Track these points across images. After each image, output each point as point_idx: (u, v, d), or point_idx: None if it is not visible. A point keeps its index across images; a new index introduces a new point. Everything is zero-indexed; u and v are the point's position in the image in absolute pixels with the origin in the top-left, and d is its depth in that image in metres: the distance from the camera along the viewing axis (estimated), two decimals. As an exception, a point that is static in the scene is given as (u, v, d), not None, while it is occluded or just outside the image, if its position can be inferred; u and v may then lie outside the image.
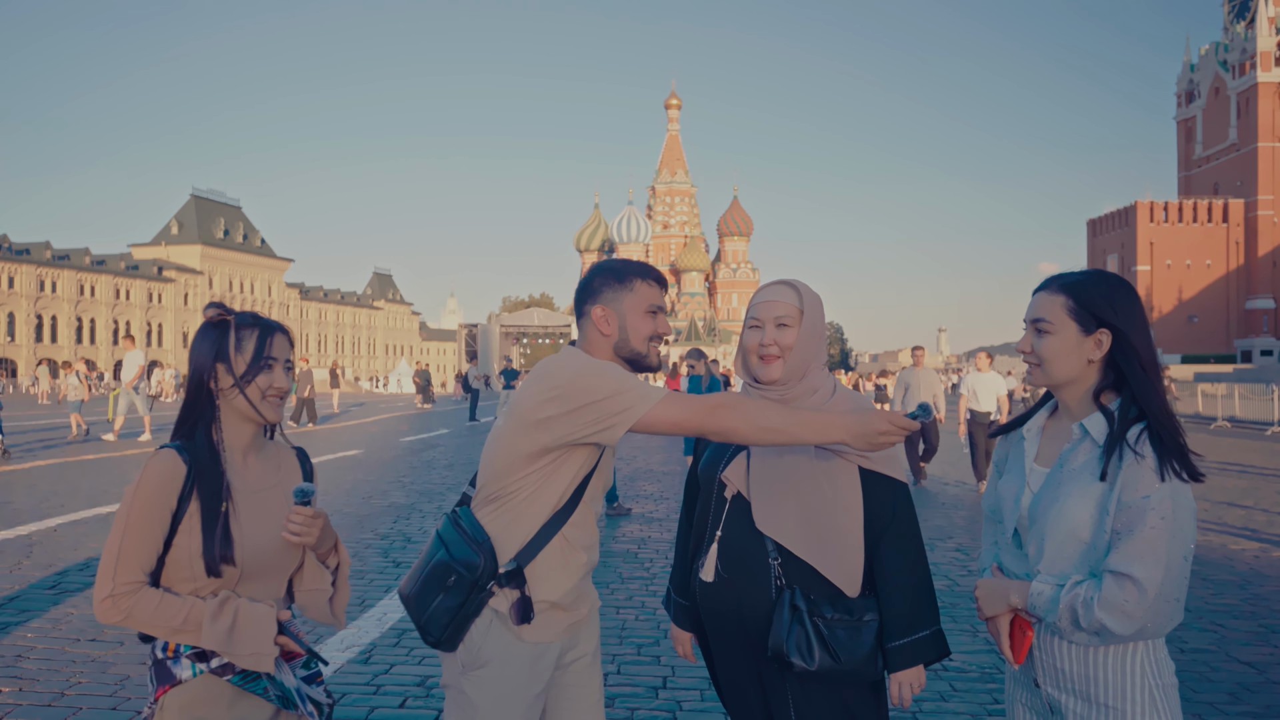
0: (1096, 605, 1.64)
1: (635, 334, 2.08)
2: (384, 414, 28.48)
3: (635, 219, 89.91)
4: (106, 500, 9.48)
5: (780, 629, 1.93)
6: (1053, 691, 1.80)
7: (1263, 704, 4.07)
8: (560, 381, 1.93)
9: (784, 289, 2.08)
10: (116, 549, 1.72)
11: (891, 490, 2.03)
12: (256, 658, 1.75)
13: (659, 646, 4.80)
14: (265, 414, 1.85)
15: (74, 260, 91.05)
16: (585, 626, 2.13)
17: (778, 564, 1.99)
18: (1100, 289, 1.81)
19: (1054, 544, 1.76)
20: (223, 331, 1.84)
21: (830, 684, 1.97)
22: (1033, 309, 1.86)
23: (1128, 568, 1.63)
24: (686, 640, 2.31)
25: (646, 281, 2.10)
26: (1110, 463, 1.70)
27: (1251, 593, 6.18)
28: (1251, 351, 78.80)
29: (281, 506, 1.88)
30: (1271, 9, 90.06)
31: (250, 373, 1.82)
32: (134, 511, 1.73)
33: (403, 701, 3.97)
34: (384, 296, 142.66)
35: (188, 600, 1.75)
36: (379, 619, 5.22)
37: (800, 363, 2.05)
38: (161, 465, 1.77)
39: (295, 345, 1.95)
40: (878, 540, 2.02)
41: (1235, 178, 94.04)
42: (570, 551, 2.02)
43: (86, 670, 4.32)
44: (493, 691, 1.95)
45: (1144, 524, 1.64)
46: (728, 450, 2.12)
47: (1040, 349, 1.83)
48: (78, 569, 6.42)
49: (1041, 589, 1.74)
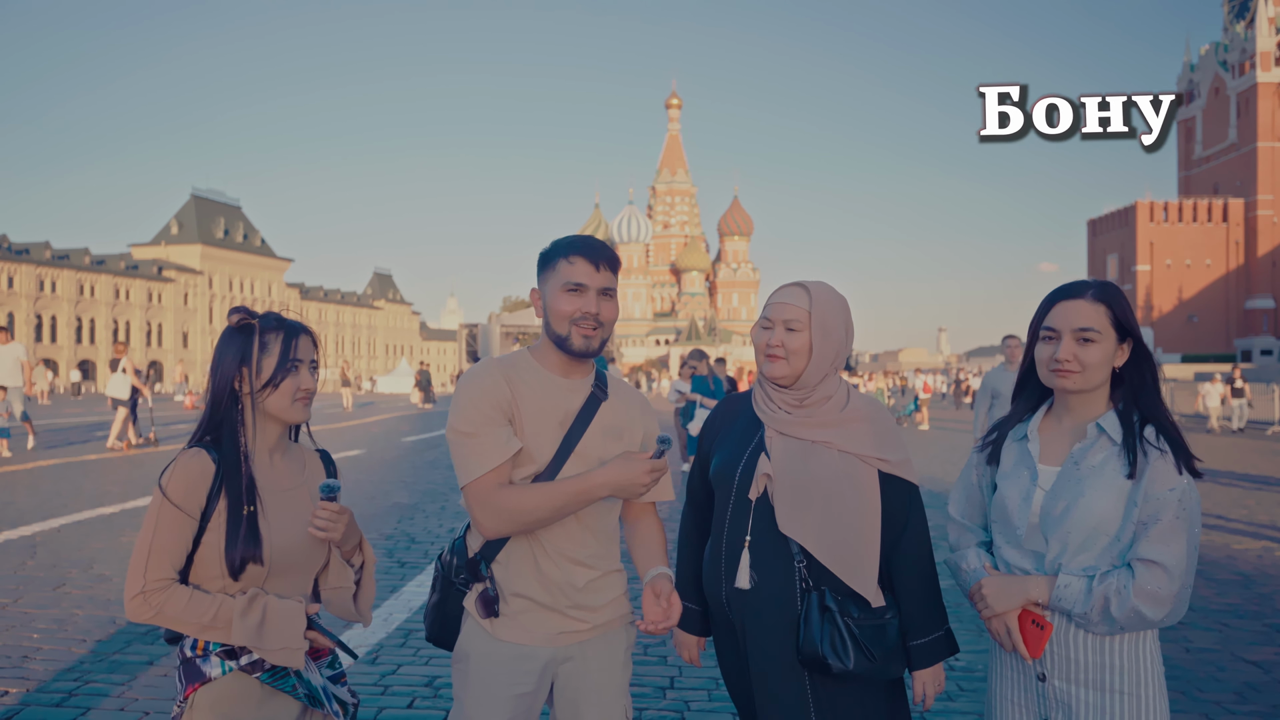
0: (1132, 592, 1.73)
1: (554, 314, 1.95)
2: (386, 414, 28.49)
3: (635, 219, 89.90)
4: (109, 501, 9.48)
5: (813, 631, 1.92)
6: (1062, 684, 1.84)
7: (1270, 703, 4.07)
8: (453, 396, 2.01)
9: (796, 291, 2.05)
10: (148, 546, 1.75)
11: (906, 492, 2.05)
12: (286, 653, 1.77)
13: (665, 646, 4.79)
14: (294, 416, 1.89)
15: (74, 260, 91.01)
16: (592, 644, 2.02)
17: (803, 566, 1.98)
18: (1123, 300, 1.89)
19: (1078, 539, 1.82)
20: (248, 336, 1.86)
21: (855, 685, 1.96)
22: (1075, 318, 1.86)
23: (1159, 555, 1.73)
24: (694, 645, 2.26)
25: (568, 258, 1.95)
26: (1137, 460, 1.79)
27: (1255, 592, 6.18)
28: (1251, 351, 78.88)
29: (307, 505, 1.91)
30: (1271, 9, 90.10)
31: (277, 376, 1.84)
32: (165, 509, 1.76)
33: (410, 702, 3.97)
34: (384, 296, 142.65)
35: (217, 597, 1.77)
36: (385, 619, 5.22)
37: (814, 367, 2.02)
38: (192, 464, 1.79)
39: (319, 345, 1.96)
40: (894, 542, 2.03)
41: (1235, 177, 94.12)
42: (543, 555, 1.96)
43: (94, 671, 4.31)
44: (472, 686, 1.98)
45: (1170, 515, 1.74)
46: (745, 451, 2.09)
47: (1084, 357, 1.85)
48: (82, 569, 6.42)
49: (1070, 581, 1.80)
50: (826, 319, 2.03)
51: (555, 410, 1.99)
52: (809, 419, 2.03)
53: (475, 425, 1.91)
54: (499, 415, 1.93)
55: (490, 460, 1.89)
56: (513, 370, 2.00)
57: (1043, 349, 1.90)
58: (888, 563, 2.03)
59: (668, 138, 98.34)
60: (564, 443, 1.97)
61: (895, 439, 2.06)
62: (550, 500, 1.88)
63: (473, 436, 1.91)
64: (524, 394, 1.97)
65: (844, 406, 2.05)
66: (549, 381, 2.00)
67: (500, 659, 1.96)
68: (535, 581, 1.97)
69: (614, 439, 2.03)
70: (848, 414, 2.04)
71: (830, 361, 2.04)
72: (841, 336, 2.06)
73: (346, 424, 23.29)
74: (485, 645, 1.97)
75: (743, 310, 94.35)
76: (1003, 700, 1.96)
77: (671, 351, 59.09)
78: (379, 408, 33.27)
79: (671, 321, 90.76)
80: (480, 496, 1.89)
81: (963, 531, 2.08)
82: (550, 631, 1.98)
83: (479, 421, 1.91)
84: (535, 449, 1.95)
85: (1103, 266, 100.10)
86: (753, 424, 2.11)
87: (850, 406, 2.05)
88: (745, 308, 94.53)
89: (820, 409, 2.03)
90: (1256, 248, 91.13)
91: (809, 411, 2.03)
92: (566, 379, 2.02)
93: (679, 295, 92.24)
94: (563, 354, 1.99)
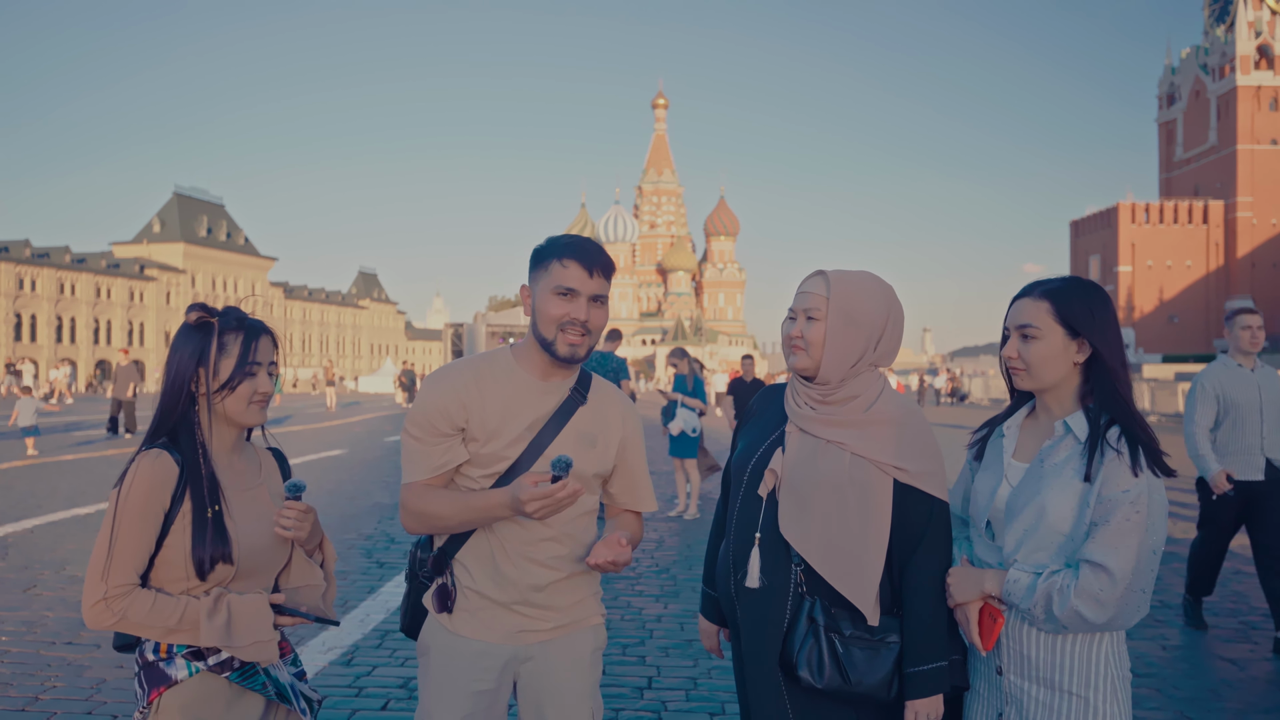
0: (1073, 593, 1.71)
1: (541, 316, 1.91)
2: (369, 413, 28.33)
3: (622, 218, 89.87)
4: (84, 501, 9.37)
5: (794, 640, 1.84)
6: (1016, 679, 1.84)
7: (1244, 700, 4.09)
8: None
9: (815, 279, 1.93)
10: (107, 551, 1.70)
11: (928, 508, 1.88)
12: (259, 647, 1.75)
13: (643, 646, 4.78)
14: (250, 419, 1.85)
15: (54, 258, 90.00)
16: (557, 645, 1.99)
17: (800, 570, 1.88)
18: (1079, 298, 1.84)
19: (1033, 535, 1.82)
20: (206, 335, 1.81)
21: (838, 702, 1.87)
22: (1017, 315, 1.88)
23: (1103, 558, 1.70)
24: (713, 633, 2.19)
25: (561, 261, 1.89)
26: (1093, 461, 1.76)
27: (1232, 590, 6.22)
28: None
29: (269, 504, 1.89)
30: (1250, 13, 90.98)
31: (235, 379, 1.80)
32: (124, 513, 1.72)
33: (385, 704, 3.93)
34: (369, 296, 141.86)
35: (181, 600, 1.74)
36: (361, 620, 5.17)
37: (834, 359, 1.87)
38: (154, 466, 1.75)
39: (280, 346, 1.91)
40: (906, 559, 1.88)
41: (1215, 180, 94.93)
42: (503, 554, 1.94)
43: (62, 674, 4.25)
44: (432, 680, 1.98)
45: (1119, 516, 1.71)
46: (763, 443, 1.99)
47: (1027, 355, 1.85)
48: (54, 571, 6.33)
49: (1019, 576, 1.79)
50: (849, 306, 1.87)
51: (526, 412, 1.95)
52: (830, 417, 1.90)
53: (423, 433, 1.94)
54: (448, 426, 1.93)
55: (421, 472, 1.94)
56: (486, 369, 1.97)
57: (1004, 348, 1.92)
58: (899, 580, 1.89)
59: (654, 138, 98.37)
60: (531, 445, 1.94)
61: (922, 448, 1.89)
62: (457, 513, 1.91)
63: (419, 442, 1.95)
64: (494, 394, 1.94)
65: (869, 407, 1.89)
66: (523, 383, 1.97)
67: (459, 654, 1.95)
68: (491, 579, 1.95)
69: (587, 444, 1.99)
70: (871, 415, 1.89)
71: (857, 354, 1.88)
72: (874, 326, 1.88)
73: (329, 424, 23.14)
74: (445, 640, 1.97)
75: (729, 310, 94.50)
76: (970, 690, 1.97)
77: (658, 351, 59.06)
78: (363, 407, 33.10)
79: (658, 321, 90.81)
80: (404, 497, 1.96)
81: (958, 525, 2.07)
82: (508, 629, 1.96)
83: (427, 430, 1.94)
84: (502, 450, 1.93)
85: (1085, 267, 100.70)
86: (780, 417, 2.01)
87: (876, 408, 1.90)
88: (731, 307, 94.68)
89: (844, 408, 1.90)
90: (1236, 249, 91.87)
91: (832, 410, 1.90)
92: (543, 381, 1.98)
93: (665, 295, 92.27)
94: (546, 356, 1.95)
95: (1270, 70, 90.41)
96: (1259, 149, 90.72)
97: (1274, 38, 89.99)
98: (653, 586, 6.14)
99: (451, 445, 1.94)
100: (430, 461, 1.93)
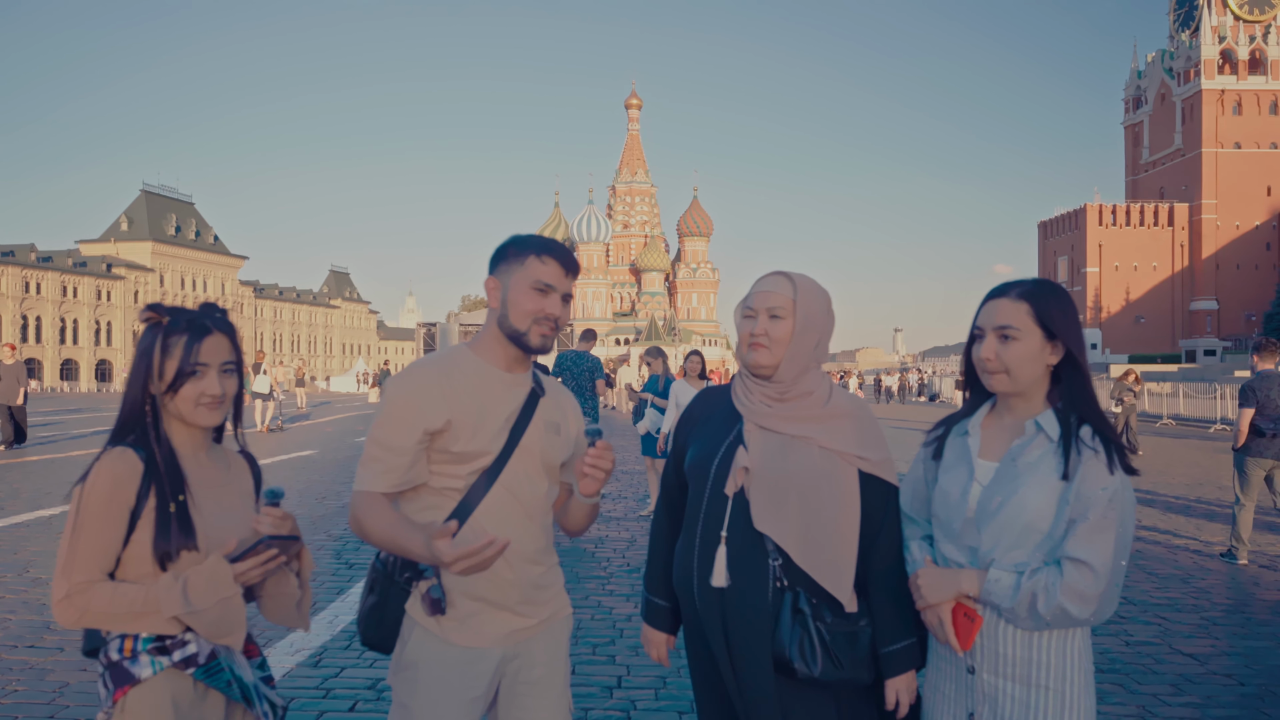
0: (1059, 590, 1.72)
1: (515, 308, 1.94)
2: (341, 413, 28.08)
3: (595, 218, 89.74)
4: (50, 503, 9.21)
5: (783, 633, 1.86)
6: (990, 677, 1.84)
7: (1205, 694, 4.17)
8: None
9: (780, 280, 1.99)
10: (69, 549, 1.69)
11: (884, 494, 1.97)
12: (224, 604, 1.71)
13: (614, 646, 4.78)
14: (199, 420, 1.82)
15: (19, 257, 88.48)
16: (537, 639, 2.01)
17: (778, 565, 1.90)
18: (1055, 300, 1.86)
19: (1011, 534, 1.82)
20: (155, 335, 1.80)
21: (825, 690, 1.90)
22: (995, 316, 1.87)
23: (1085, 554, 1.72)
24: (663, 642, 2.18)
25: (541, 258, 1.95)
26: (1070, 459, 1.78)
27: (1194, 586, 6.34)
28: (1195, 351, 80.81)
29: (237, 501, 1.88)
30: (1215, 18, 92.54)
31: (177, 381, 1.78)
32: (86, 509, 1.70)
33: (353, 705, 3.91)
34: (341, 295, 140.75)
35: (142, 584, 1.72)
36: (330, 622, 5.14)
37: (795, 357, 1.95)
38: (119, 463, 1.73)
39: (240, 344, 1.89)
40: (870, 544, 1.95)
41: (1180, 182, 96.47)
42: (503, 559, 1.91)
43: (24, 677, 4.18)
44: (422, 694, 1.92)
45: (1097, 513, 1.73)
46: (721, 445, 2.01)
47: (1005, 355, 1.85)
48: (16, 574, 6.23)
49: (1001, 576, 1.80)
50: (810, 309, 1.97)
51: (501, 407, 1.96)
52: (791, 414, 1.96)
53: (389, 443, 1.90)
54: (422, 431, 1.90)
55: (383, 484, 1.91)
56: (453, 368, 1.97)
57: (975, 349, 1.92)
58: (861, 565, 1.94)
59: (628, 138, 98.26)
60: (509, 438, 1.95)
61: (877, 438, 1.99)
62: (385, 541, 1.88)
63: (389, 451, 1.90)
64: (467, 392, 1.94)
65: (827, 402, 1.98)
66: (493, 377, 1.98)
67: (452, 663, 1.91)
68: (487, 581, 1.92)
69: (554, 433, 2.03)
70: (830, 410, 1.97)
71: (810, 354, 1.97)
72: (823, 328, 2.00)
73: (301, 424, 22.91)
74: (436, 650, 1.92)
75: (702, 310, 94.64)
76: (934, 692, 1.97)
77: (631, 351, 59.06)
78: (335, 407, 32.79)
79: (631, 321, 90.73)
80: (356, 503, 1.93)
81: (908, 524, 2.07)
82: (502, 631, 1.95)
83: (394, 439, 1.90)
84: (483, 445, 1.93)
85: (1053, 268, 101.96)
86: (731, 417, 2.03)
87: (833, 402, 1.98)
88: (705, 307, 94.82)
89: (802, 404, 1.96)
90: (1200, 251, 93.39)
91: (790, 406, 1.96)
92: (509, 374, 2.00)
93: (639, 295, 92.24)
94: (512, 348, 1.97)
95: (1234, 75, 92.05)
96: (1223, 152, 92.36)
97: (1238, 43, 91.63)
98: (623, 586, 6.15)
99: (418, 459, 1.92)
100: (394, 476, 1.90)
